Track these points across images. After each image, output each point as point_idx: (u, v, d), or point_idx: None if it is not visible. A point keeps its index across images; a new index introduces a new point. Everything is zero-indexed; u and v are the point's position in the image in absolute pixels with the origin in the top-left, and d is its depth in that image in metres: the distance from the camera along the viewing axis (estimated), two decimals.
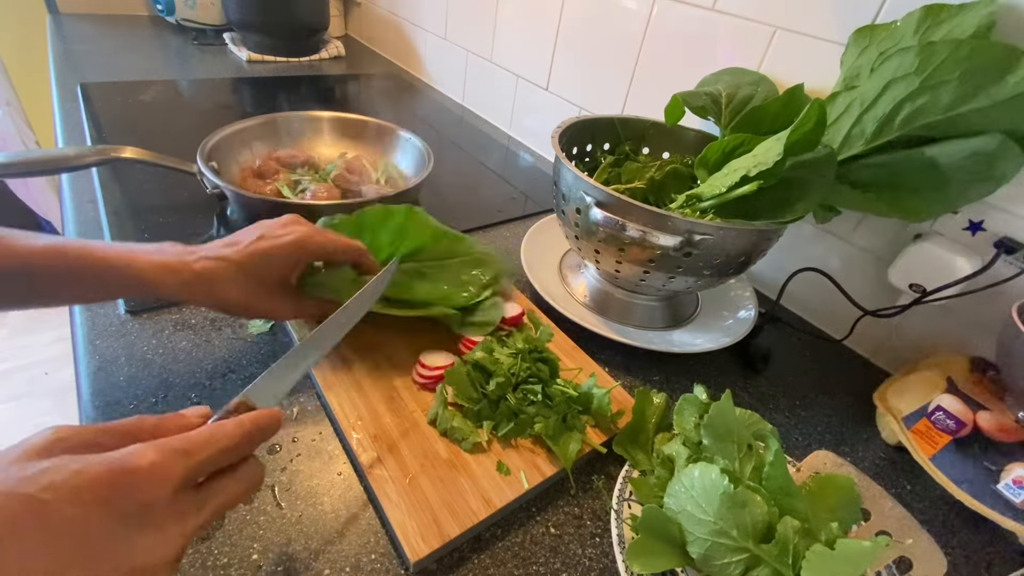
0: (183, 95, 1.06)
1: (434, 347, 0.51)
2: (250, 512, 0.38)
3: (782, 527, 0.33)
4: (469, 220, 0.78)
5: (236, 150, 0.75)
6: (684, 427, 0.43)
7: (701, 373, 0.58)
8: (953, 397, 0.49)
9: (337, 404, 0.45)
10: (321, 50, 1.41)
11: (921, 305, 0.55)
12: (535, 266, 0.64)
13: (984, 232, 0.53)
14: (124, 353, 0.48)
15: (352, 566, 0.36)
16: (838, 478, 0.39)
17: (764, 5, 0.64)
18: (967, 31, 0.46)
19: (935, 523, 0.47)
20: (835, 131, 0.51)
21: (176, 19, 1.40)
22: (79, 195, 0.69)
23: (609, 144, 0.68)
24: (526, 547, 0.39)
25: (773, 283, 0.71)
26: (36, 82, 1.63)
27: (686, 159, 0.66)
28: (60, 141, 0.85)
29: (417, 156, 0.81)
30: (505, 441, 0.44)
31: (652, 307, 0.62)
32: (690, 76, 0.70)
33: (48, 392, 1.66)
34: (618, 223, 0.48)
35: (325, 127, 0.85)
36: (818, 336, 0.67)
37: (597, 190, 0.50)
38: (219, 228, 0.67)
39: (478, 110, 1.22)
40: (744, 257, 0.52)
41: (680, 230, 0.47)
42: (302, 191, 0.71)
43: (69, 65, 1.09)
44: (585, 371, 0.52)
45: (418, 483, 0.40)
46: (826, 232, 0.65)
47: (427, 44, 1.32)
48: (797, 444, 0.52)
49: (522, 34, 1.02)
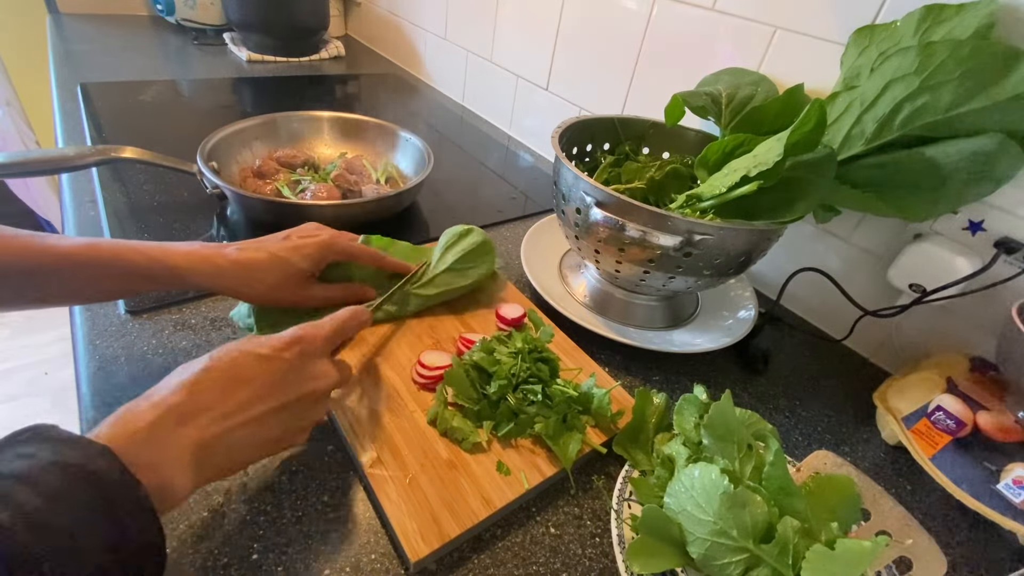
0: (183, 95, 1.06)
1: (434, 347, 0.51)
2: (250, 512, 0.38)
3: (782, 527, 0.33)
4: (469, 220, 0.77)
5: (236, 150, 0.75)
6: (684, 427, 0.43)
7: (701, 373, 0.58)
8: (953, 397, 0.49)
9: (337, 404, 0.45)
10: (321, 50, 1.41)
11: (921, 305, 0.55)
12: (535, 266, 0.64)
13: (984, 232, 0.53)
14: (124, 353, 0.48)
15: (352, 566, 0.36)
16: (838, 478, 0.38)
17: (764, 5, 0.64)
18: (967, 31, 0.46)
19: (935, 523, 0.47)
20: (835, 131, 0.51)
21: (176, 19, 1.40)
22: (79, 195, 0.69)
23: (609, 144, 0.68)
24: (526, 547, 0.39)
25: (773, 283, 0.71)
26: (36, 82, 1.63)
27: (686, 159, 0.66)
28: (60, 141, 0.85)
29: (417, 156, 0.81)
30: (505, 441, 0.44)
31: (652, 307, 0.62)
32: (690, 76, 0.70)
33: (48, 392, 1.66)
34: (618, 223, 0.48)
35: (325, 127, 0.85)
36: (818, 336, 0.67)
37: (597, 190, 0.50)
38: (219, 228, 0.67)
39: (478, 110, 1.22)
40: (744, 257, 0.52)
41: (680, 230, 0.47)
42: (302, 191, 0.71)
43: (69, 65, 1.09)
44: (585, 371, 0.52)
45: (418, 483, 0.40)
46: (826, 232, 0.65)
47: (427, 44, 1.32)
48: (797, 444, 0.52)
49: (522, 34, 1.02)
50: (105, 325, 0.51)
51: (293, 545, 0.37)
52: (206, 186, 0.66)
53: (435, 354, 0.49)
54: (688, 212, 0.54)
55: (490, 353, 0.48)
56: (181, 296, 0.55)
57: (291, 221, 0.66)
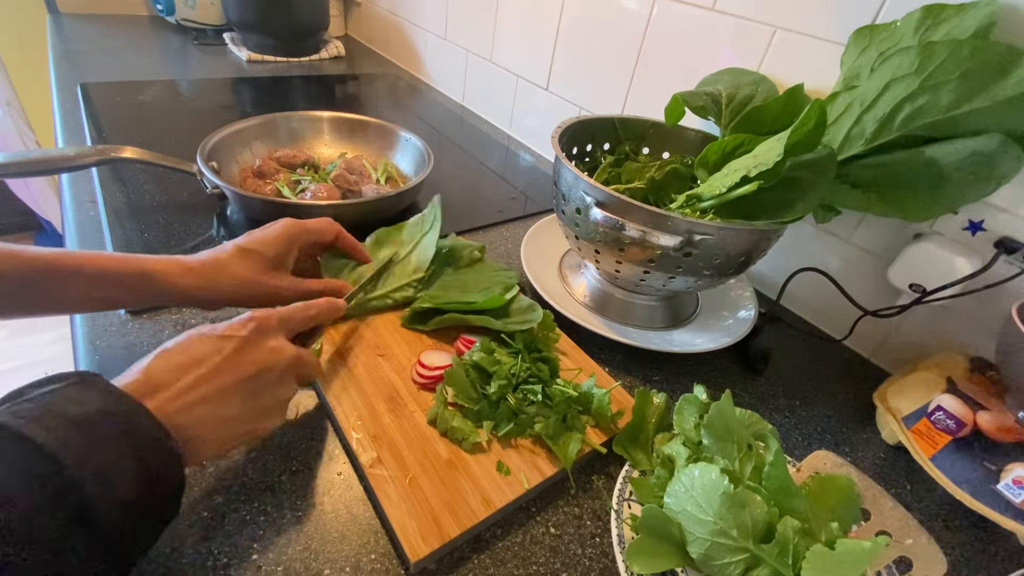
0: (183, 95, 1.06)
1: (434, 347, 0.51)
2: (250, 512, 0.38)
3: (782, 527, 0.33)
4: (469, 220, 0.78)
5: (236, 150, 0.75)
6: (684, 427, 0.43)
7: (701, 373, 0.58)
8: (953, 397, 0.49)
9: (337, 404, 0.45)
10: (321, 50, 1.41)
11: (921, 305, 0.55)
12: (535, 266, 0.64)
13: (984, 232, 0.53)
14: (124, 353, 0.48)
15: (352, 566, 0.36)
16: (838, 478, 0.38)
17: (764, 5, 0.64)
18: (967, 31, 0.46)
19: (935, 523, 0.47)
20: (835, 131, 0.51)
21: (176, 19, 1.41)
22: (79, 195, 0.69)
23: (609, 144, 0.68)
24: (526, 547, 0.39)
25: (773, 283, 0.71)
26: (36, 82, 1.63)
27: (686, 159, 0.66)
28: (60, 141, 0.85)
29: (417, 156, 0.81)
30: (505, 441, 0.44)
31: (652, 307, 0.62)
32: (690, 76, 0.70)
33: None
34: (618, 223, 0.48)
35: (325, 127, 0.85)
36: (818, 336, 0.67)
37: (597, 190, 0.50)
38: (219, 228, 0.67)
39: (478, 110, 1.22)
40: (744, 257, 0.52)
41: (680, 230, 0.47)
42: (302, 191, 0.71)
43: (69, 65, 1.09)
44: (585, 371, 0.52)
45: (418, 483, 0.40)
46: (826, 232, 0.65)
47: (427, 44, 1.32)
48: (797, 444, 0.52)
49: (522, 34, 1.02)
50: (105, 325, 0.51)
51: (293, 545, 0.37)
52: (206, 186, 0.66)
53: (435, 354, 0.49)
54: (688, 212, 0.54)
55: (490, 353, 0.48)
56: None
57: None
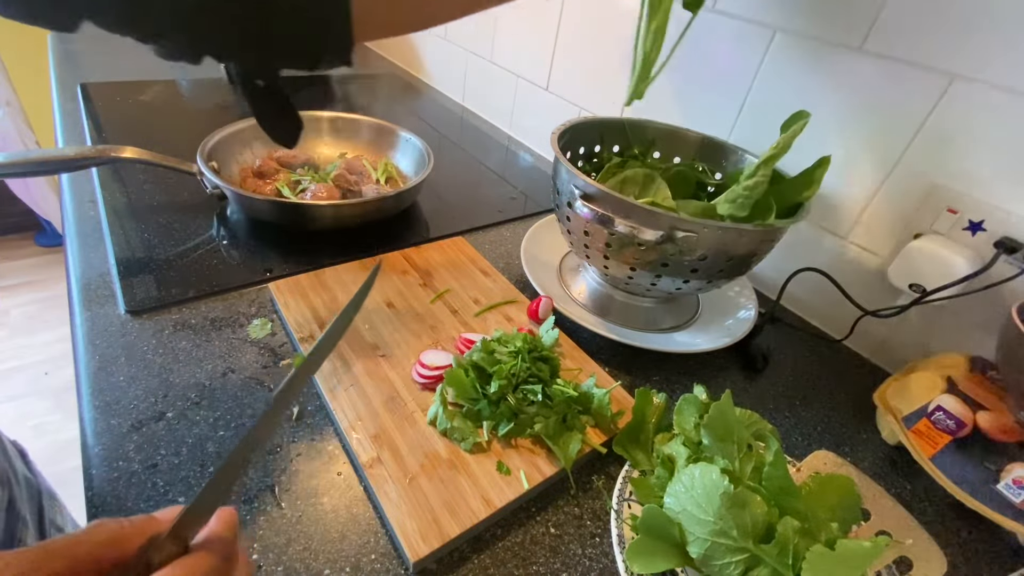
0: (183, 95, 1.06)
1: (434, 347, 0.51)
2: (250, 512, 0.38)
3: (782, 527, 0.33)
4: (469, 220, 0.78)
5: (236, 150, 0.75)
6: (684, 427, 0.43)
7: (701, 373, 0.58)
8: (953, 397, 0.49)
9: (337, 404, 0.45)
10: None
11: (921, 305, 0.55)
12: (535, 266, 0.64)
13: (984, 232, 0.53)
14: (124, 353, 0.48)
15: (352, 566, 0.36)
16: (838, 478, 0.38)
17: (764, 5, 0.64)
18: None
19: (935, 523, 0.47)
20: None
21: None
22: (79, 195, 0.69)
23: (619, 147, 0.68)
24: (526, 547, 0.39)
25: (773, 283, 0.71)
26: (36, 82, 1.63)
27: (695, 163, 0.66)
28: (60, 141, 0.85)
29: (417, 156, 0.81)
30: (505, 441, 0.44)
31: (652, 309, 0.62)
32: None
33: (48, 392, 1.66)
34: (598, 214, 0.48)
35: (325, 127, 0.85)
36: (818, 336, 0.67)
37: (583, 182, 0.50)
38: (219, 228, 0.67)
39: (478, 110, 1.22)
40: (733, 259, 0.51)
41: (663, 225, 0.47)
42: (302, 191, 0.71)
43: (69, 65, 1.09)
44: (585, 371, 0.52)
45: (418, 483, 0.40)
46: (826, 232, 0.65)
47: (427, 44, 1.32)
48: (797, 444, 0.52)
49: (522, 34, 1.02)
50: (105, 325, 0.51)
51: (293, 545, 0.37)
52: (206, 186, 0.66)
53: (435, 354, 0.49)
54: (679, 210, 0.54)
55: (490, 353, 0.48)
56: (181, 296, 0.55)
57: (291, 221, 0.67)
